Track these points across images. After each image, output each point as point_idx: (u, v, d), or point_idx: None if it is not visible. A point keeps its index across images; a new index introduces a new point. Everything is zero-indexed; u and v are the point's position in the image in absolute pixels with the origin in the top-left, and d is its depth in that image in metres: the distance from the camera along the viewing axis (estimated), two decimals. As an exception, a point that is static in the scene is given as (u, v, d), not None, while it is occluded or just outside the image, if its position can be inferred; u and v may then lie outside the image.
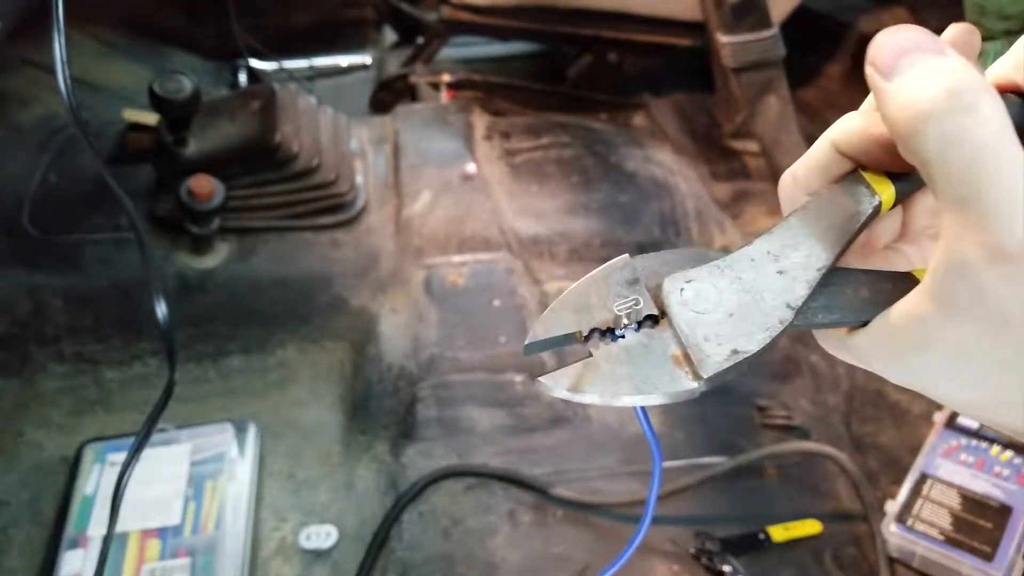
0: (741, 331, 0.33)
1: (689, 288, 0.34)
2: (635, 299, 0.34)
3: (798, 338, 1.25)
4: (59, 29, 0.77)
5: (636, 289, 0.35)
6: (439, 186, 1.43)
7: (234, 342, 1.22)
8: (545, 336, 0.35)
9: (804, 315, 0.33)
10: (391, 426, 1.12)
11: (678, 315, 0.33)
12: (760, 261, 0.34)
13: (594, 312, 0.34)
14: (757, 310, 0.33)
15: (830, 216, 0.34)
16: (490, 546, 0.98)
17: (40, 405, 1.13)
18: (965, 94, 0.26)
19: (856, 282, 0.34)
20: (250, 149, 1.31)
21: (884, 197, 0.34)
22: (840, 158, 0.35)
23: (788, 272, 0.34)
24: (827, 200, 0.35)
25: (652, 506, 0.39)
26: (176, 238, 1.29)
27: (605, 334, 0.34)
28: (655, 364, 0.33)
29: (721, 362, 0.32)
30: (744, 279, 0.34)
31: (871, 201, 0.34)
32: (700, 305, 0.33)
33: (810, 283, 0.33)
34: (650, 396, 0.33)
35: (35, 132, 1.42)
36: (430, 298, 1.27)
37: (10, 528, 1.00)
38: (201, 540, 0.96)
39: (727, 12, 1.37)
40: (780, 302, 0.33)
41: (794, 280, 0.33)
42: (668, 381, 0.32)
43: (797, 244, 0.34)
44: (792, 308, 0.33)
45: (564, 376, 0.33)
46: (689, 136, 1.68)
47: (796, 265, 0.34)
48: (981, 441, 1.01)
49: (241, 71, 1.75)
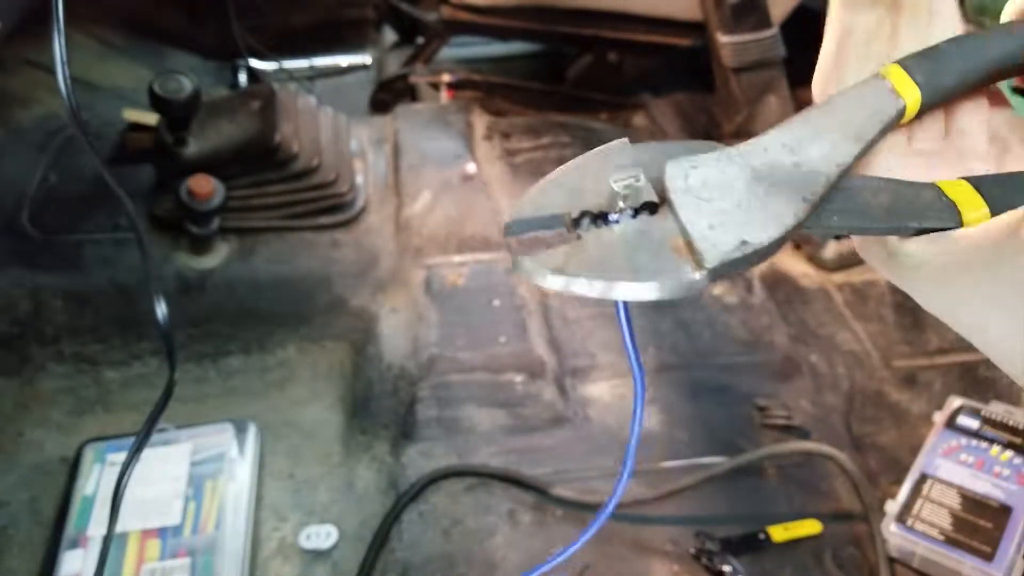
0: (751, 221, 0.29)
1: (695, 174, 0.30)
2: (635, 176, 0.30)
3: (798, 338, 1.25)
4: (59, 29, 0.77)
5: (635, 172, 0.31)
6: (439, 186, 1.43)
7: (234, 342, 1.22)
8: (531, 214, 0.30)
9: (819, 217, 0.30)
10: (391, 426, 1.12)
11: (681, 201, 0.30)
12: (775, 152, 0.31)
13: (587, 194, 0.31)
14: (770, 201, 0.30)
15: (850, 115, 0.32)
16: (490, 546, 0.98)
17: (40, 405, 1.13)
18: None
19: (875, 188, 0.31)
20: (250, 149, 1.31)
21: (909, 101, 0.32)
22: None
23: (805, 165, 0.30)
24: (848, 99, 0.32)
25: (637, 430, 0.35)
26: (176, 238, 1.29)
27: (597, 219, 0.30)
28: (653, 251, 0.29)
29: (728, 251, 0.29)
30: (757, 168, 0.30)
31: (895, 103, 0.32)
32: (706, 192, 0.30)
33: (829, 178, 0.30)
34: (646, 284, 0.28)
35: (35, 132, 1.42)
36: (430, 298, 1.27)
37: (10, 528, 0.99)
38: (201, 540, 0.96)
39: (727, 12, 1.38)
40: (796, 195, 0.30)
41: (812, 173, 0.30)
42: (667, 270, 0.29)
43: (815, 138, 0.31)
44: (808, 202, 0.30)
45: (548, 256, 0.29)
46: (689, 136, 1.68)
47: (814, 159, 0.30)
48: (981, 441, 1.01)
49: (241, 71, 1.75)
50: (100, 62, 1.63)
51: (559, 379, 1.17)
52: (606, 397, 1.15)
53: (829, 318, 1.30)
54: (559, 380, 1.17)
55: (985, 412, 1.04)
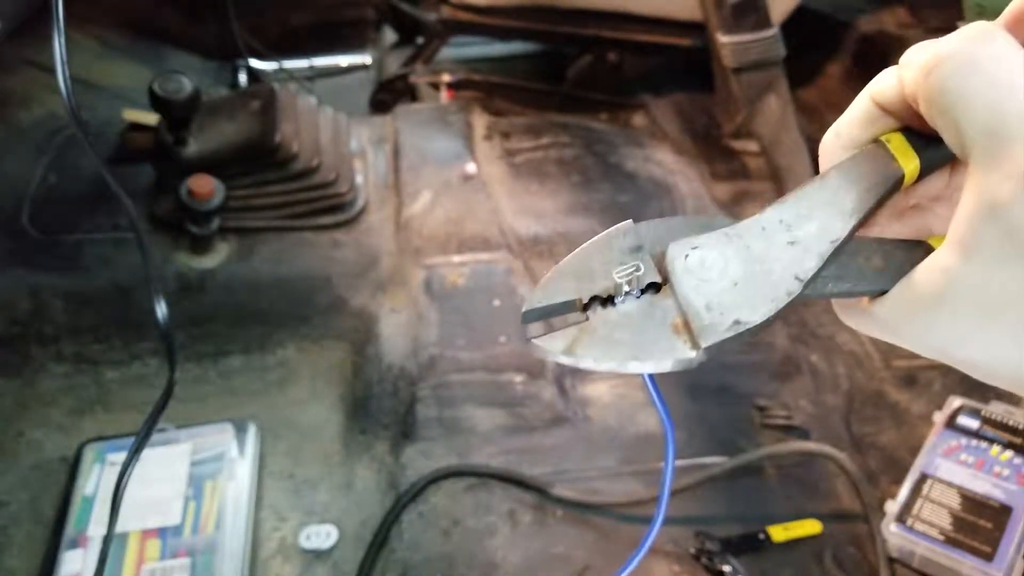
0: (745, 301, 0.31)
1: (694, 255, 0.32)
2: (636, 265, 0.33)
3: (798, 338, 1.25)
4: (59, 29, 0.77)
5: (639, 256, 0.33)
6: (439, 186, 1.43)
7: (234, 342, 1.22)
8: (544, 303, 0.33)
9: (814, 284, 0.32)
10: (391, 426, 1.12)
11: (681, 282, 0.32)
12: (771, 230, 0.32)
13: (595, 279, 0.33)
14: (764, 281, 0.32)
15: (848, 187, 0.33)
16: (490, 546, 0.98)
17: (40, 405, 1.13)
18: (977, 32, 0.27)
19: (868, 251, 0.32)
20: (250, 149, 1.31)
21: (908, 169, 0.33)
22: (880, 114, 0.34)
23: (800, 243, 0.32)
24: (847, 170, 0.33)
25: (668, 483, 0.38)
26: (176, 238, 1.29)
27: (605, 302, 0.33)
28: (654, 331, 0.32)
29: (722, 332, 0.31)
30: (753, 248, 0.32)
31: (894, 173, 0.33)
32: (705, 273, 0.32)
33: (822, 256, 0.32)
34: (646, 363, 0.32)
35: (35, 132, 1.42)
36: (430, 298, 1.27)
37: (10, 528, 0.99)
38: (201, 540, 0.96)
39: (727, 12, 1.37)
40: (789, 274, 0.32)
41: (806, 252, 0.32)
42: (665, 348, 0.31)
43: (812, 214, 0.32)
44: (801, 280, 0.31)
45: (559, 338, 0.32)
46: (689, 136, 1.68)
47: (809, 236, 0.32)
48: (981, 441, 1.01)
49: (241, 71, 1.75)
50: (100, 62, 1.63)
51: (559, 379, 1.17)
52: (606, 397, 1.15)
53: (829, 318, 1.30)
54: (559, 380, 1.17)
55: (985, 412, 1.04)
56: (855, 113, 0.34)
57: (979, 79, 0.27)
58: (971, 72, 0.27)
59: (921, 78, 0.28)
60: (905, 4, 1.77)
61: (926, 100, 0.29)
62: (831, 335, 1.27)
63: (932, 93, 0.28)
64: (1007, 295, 0.27)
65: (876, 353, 1.24)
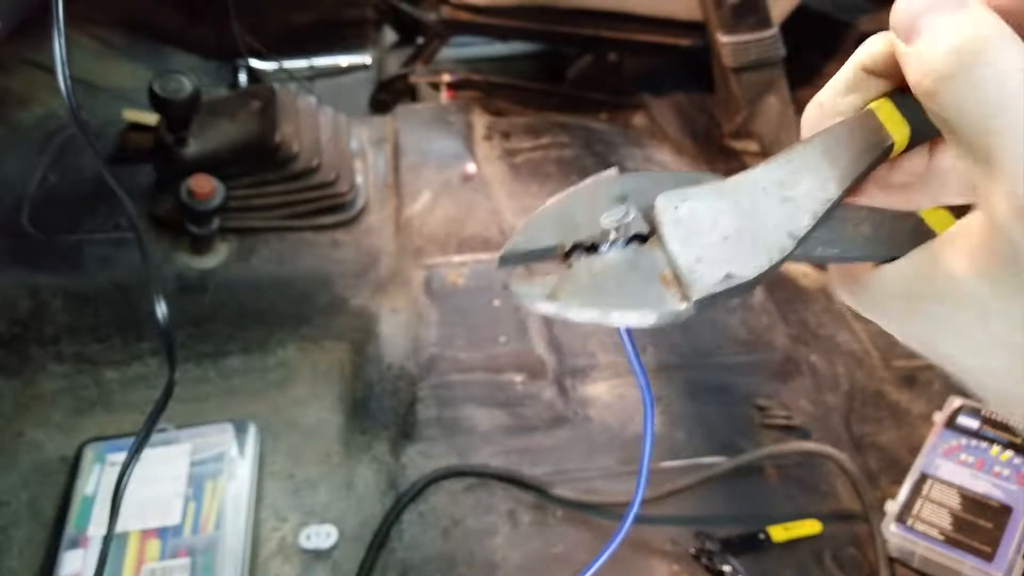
0: (737, 255, 0.30)
1: (684, 207, 0.31)
2: (625, 211, 0.32)
3: (798, 338, 1.25)
4: (59, 29, 0.77)
5: (626, 205, 0.32)
6: (439, 186, 1.43)
7: (234, 342, 1.22)
8: (524, 248, 0.32)
9: (805, 245, 0.31)
10: (391, 426, 1.12)
11: (670, 233, 0.30)
12: (764, 187, 0.32)
13: (579, 226, 0.32)
14: (757, 236, 0.31)
15: (839, 150, 0.32)
16: (490, 546, 0.98)
17: (40, 405, 1.13)
18: (979, 51, 0.26)
19: (857, 218, 0.32)
20: (250, 149, 1.31)
21: (897, 138, 0.32)
22: (868, 78, 0.33)
23: (793, 200, 0.31)
24: (837, 134, 0.32)
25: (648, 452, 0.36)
26: (176, 238, 1.29)
27: (589, 250, 0.31)
28: (641, 281, 0.30)
29: (713, 284, 0.30)
30: (744, 203, 0.31)
31: (883, 140, 0.32)
32: (695, 225, 0.31)
33: (815, 214, 0.31)
34: (631, 313, 0.30)
35: (35, 132, 1.42)
36: (430, 298, 1.27)
37: (10, 528, 0.99)
38: (201, 540, 0.96)
39: (727, 12, 1.37)
40: (782, 231, 0.31)
41: (798, 209, 0.31)
42: (653, 300, 0.30)
43: (804, 174, 0.32)
44: (794, 237, 0.31)
45: (540, 285, 0.31)
46: (689, 136, 1.68)
47: (802, 195, 0.31)
48: (981, 441, 1.01)
49: (241, 71, 1.75)
50: (100, 62, 1.63)
51: (559, 379, 1.17)
52: (606, 397, 1.15)
53: (829, 318, 1.30)
54: (559, 380, 1.17)
55: (985, 412, 1.04)
56: (840, 81, 0.34)
57: (976, 108, 0.26)
58: (968, 101, 0.26)
59: (921, 96, 0.28)
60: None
61: (929, 112, 0.29)
62: (831, 335, 1.27)
63: (931, 113, 0.28)
64: (995, 306, 0.28)
65: (876, 353, 1.24)
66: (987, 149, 0.26)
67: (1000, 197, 0.26)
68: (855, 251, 0.32)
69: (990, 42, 0.26)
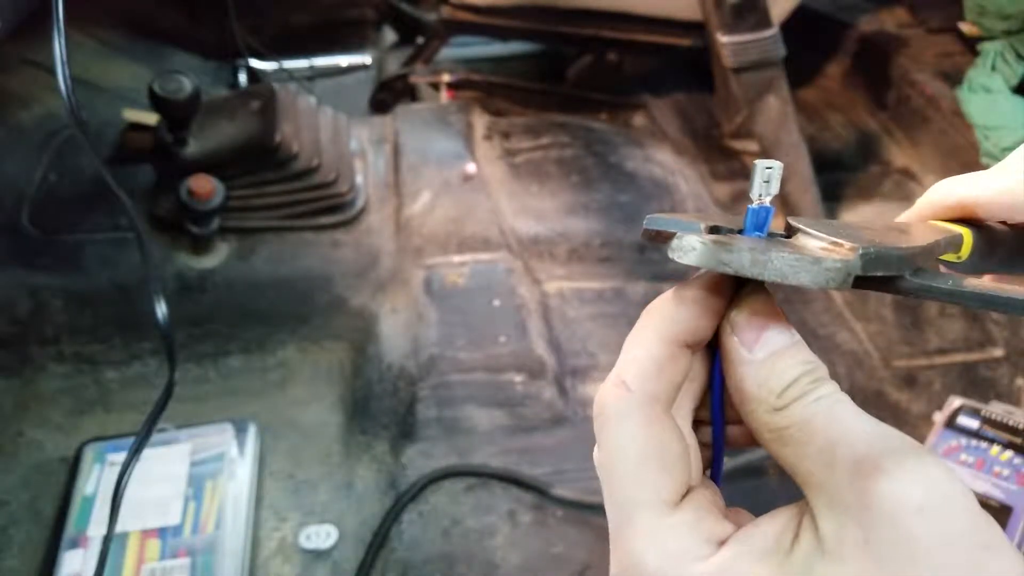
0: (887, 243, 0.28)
1: (819, 222, 0.29)
2: (768, 202, 0.29)
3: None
4: (59, 29, 0.77)
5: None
6: (439, 186, 1.43)
7: (234, 342, 1.22)
8: (669, 218, 0.29)
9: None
10: (391, 426, 1.12)
11: (814, 227, 0.28)
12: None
13: (716, 220, 0.30)
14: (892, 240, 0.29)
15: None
16: (490, 546, 0.98)
17: (40, 405, 1.13)
18: (808, 380, 0.29)
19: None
20: (250, 149, 1.31)
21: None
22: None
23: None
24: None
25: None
26: (176, 238, 1.29)
27: (731, 232, 0.29)
28: (800, 249, 0.27)
29: (874, 249, 0.27)
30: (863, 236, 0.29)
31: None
32: (834, 230, 0.28)
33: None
34: (805, 268, 0.26)
35: (35, 132, 1.42)
36: (430, 298, 1.27)
37: (10, 528, 0.99)
38: (201, 540, 0.96)
39: (727, 12, 1.37)
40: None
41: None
42: (820, 257, 0.26)
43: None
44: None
45: (705, 240, 0.27)
46: (689, 136, 1.68)
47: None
48: (981, 441, 1.01)
49: (241, 71, 1.75)
50: (100, 62, 1.63)
51: (559, 379, 1.17)
52: (606, 397, 1.15)
53: (829, 318, 1.30)
54: (559, 380, 1.17)
55: (985, 412, 1.04)
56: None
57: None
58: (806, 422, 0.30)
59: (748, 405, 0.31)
60: (905, 4, 1.77)
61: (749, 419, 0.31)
62: (831, 335, 1.27)
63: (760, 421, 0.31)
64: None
65: (876, 353, 1.23)
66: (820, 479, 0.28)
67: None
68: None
69: (816, 376, 0.29)
